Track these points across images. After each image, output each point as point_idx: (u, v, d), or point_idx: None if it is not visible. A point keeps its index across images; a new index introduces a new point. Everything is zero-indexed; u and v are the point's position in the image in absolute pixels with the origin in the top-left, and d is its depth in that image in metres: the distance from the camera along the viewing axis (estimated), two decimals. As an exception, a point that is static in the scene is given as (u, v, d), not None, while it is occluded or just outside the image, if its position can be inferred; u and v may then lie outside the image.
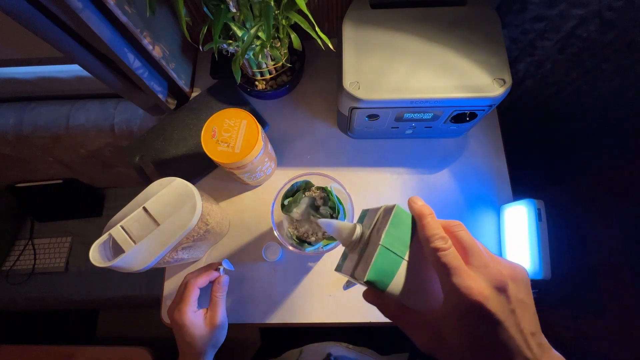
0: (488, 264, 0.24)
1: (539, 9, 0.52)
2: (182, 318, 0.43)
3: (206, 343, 0.44)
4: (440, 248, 0.24)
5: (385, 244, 0.26)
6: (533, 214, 0.50)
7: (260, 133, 0.48)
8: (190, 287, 0.45)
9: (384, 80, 0.48)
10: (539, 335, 0.23)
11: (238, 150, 0.47)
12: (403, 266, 0.26)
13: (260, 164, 0.53)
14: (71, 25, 0.44)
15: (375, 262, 0.25)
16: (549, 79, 0.64)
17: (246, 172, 0.52)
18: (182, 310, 0.44)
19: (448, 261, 0.23)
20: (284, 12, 0.47)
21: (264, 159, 0.53)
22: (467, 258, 0.24)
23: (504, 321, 0.22)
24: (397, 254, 0.26)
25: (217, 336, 0.46)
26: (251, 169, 0.52)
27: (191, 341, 0.43)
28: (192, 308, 0.44)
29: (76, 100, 0.82)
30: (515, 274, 0.24)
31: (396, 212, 0.27)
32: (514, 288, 0.23)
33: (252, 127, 0.48)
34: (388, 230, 0.26)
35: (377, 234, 0.27)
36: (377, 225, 0.28)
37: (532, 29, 0.55)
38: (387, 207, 0.29)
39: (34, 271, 1.15)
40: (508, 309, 0.22)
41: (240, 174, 0.53)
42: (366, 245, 0.28)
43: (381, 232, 0.26)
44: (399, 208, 0.27)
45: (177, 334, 0.45)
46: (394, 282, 0.25)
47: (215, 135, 0.48)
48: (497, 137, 0.62)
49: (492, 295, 0.22)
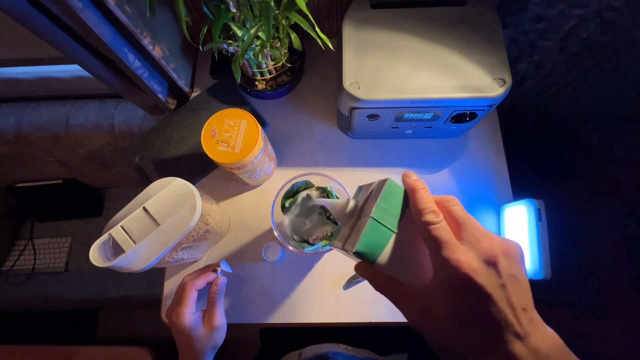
0: (479, 239, 0.23)
1: (539, 9, 0.52)
2: (181, 320, 0.43)
3: (205, 345, 0.44)
4: (431, 222, 0.24)
5: (375, 216, 0.26)
6: (533, 214, 0.50)
7: (260, 133, 0.48)
8: (188, 289, 0.45)
9: (384, 80, 0.48)
10: (531, 311, 0.23)
11: (238, 150, 0.47)
12: (393, 239, 0.26)
13: (260, 164, 0.53)
14: (71, 25, 0.44)
15: (364, 234, 0.25)
16: (549, 79, 0.64)
17: (246, 172, 0.52)
18: (180, 313, 0.43)
19: (439, 234, 0.23)
20: (284, 12, 0.47)
21: (264, 159, 0.53)
22: (459, 233, 0.24)
23: (493, 294, 0.21)
24: (387, 227, 0.26)
25: (216, 337, 0.45)
26: (251, 169, 0.52)
27: (190, 343, 0.43)
28: (191, 310, 0.44)
29: (76, 100, 0.82)
30: (508, 249, 0.24)
31: (388, 185, 0.27)
32: (506, 263, 0.23)
33: (252, 127, 0.48)
34: (379, 204, 0.26)
35: (368, 207, 0.27)
36: (369, 199, 0.28)
37: (532, 29, 0.55)
38: (380, 181, 0.29)
39: (34, 271, 1.15)
40: (498, 283, 0.22)
41: (240, 174, 0.53)
42: (358, 219, 0.28)
43: (372, 205, 0.27)
44: (391, 181, 0.27)
45: (176, 336, 0.44)
46: (383, 255, 0.26)
47: (215, 135, 0.48)
48: (497, 137, 0.62)
49: (481, 268, 0.22)
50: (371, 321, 0.54)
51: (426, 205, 0.25)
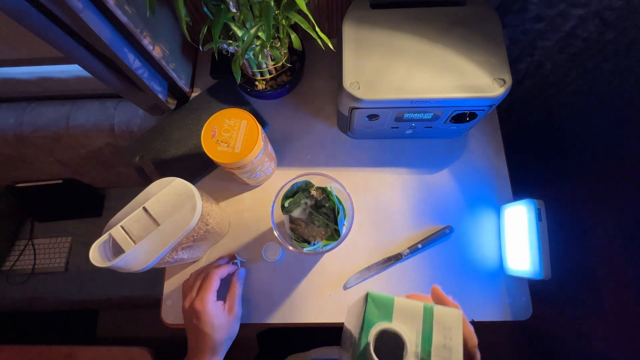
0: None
1: (539, 9, 0.52)
2: (205, 306, 0.44)
3: (225, 332, 0.45)
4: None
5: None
6: (533, 214, 0.50)
7: (260, 133, 0.48)
8: (213, 277, 0.46)
9: (384, 80, 0.48)
10: None
11: (238, 150, 0.47)
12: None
13: (260, 164, 0.53)
14: (71, 26, 0.44)
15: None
16: (549, 79, 0.64)
17: (246, 172, 0.52)
18: (204, 299, 0.44)
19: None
20: (284, 12, 0.47)
21: (264, 159, 0.53)
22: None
23: None
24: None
25: (235, 327, 0.47)
26: (251, 169, 0.52)
27: (210, 332, 0.44)
28: (214, 297, 0.46)
29: (76, 100, 0.82)
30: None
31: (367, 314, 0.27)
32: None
33: (252, 127, 0.48)
34: (362, 339, 0.26)
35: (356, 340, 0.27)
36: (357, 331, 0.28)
37: (532, 29, 0.55)
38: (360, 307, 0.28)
39: (34, 271, 1.15)
40: None
41: (240, 174, 0.53)
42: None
43: (358, 339, 0.26)
44: (369, 309, 0.27)
45: (194, 325, 0.44)
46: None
47: (215, 135, 0.48)
48: (497, 137, 0.62)
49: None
50: (371, 321, 0.54)
51: (476, 341, 0.28)
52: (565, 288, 0.71)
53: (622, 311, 0.59)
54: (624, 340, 0.58)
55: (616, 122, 0.58)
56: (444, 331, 0.26)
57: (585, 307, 0.69)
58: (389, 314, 0.27)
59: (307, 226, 0.50)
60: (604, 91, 0.57)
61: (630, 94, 0.54)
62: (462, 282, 0.55)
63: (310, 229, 0.50)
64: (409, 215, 0.58)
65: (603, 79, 0.56)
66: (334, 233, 0.49)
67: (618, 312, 0.60)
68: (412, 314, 0.27)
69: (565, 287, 0.71)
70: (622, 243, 0.58)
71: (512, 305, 0.53)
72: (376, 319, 0.26)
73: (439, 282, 0.55)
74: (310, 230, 0.50)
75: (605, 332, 0.63)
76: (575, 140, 0.69)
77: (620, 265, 0.58)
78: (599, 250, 0.64)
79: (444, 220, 0.58)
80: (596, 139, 0.64)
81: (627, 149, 0.58)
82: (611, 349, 0.62)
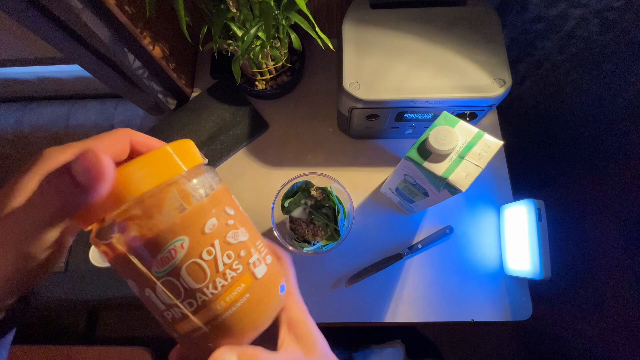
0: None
1: (539, 9, 0.52)
2: None
3: None
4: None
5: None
6: (533, 214, 0.50)
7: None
8: None
9: (384, 80, 0.48)
10: None
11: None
12: None
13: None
14: (71, 25, 0.44)
15: None
16: (549, 79, 0.64)
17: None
18: None
19: None
20: (284, 12, 0.47)
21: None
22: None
23: None
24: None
25: None
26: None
27: None
28: None
29: (76, 100, 0.82)
30: None
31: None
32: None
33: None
34: None
35: None
36: None
37: (532, 29, 0.56)
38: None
39: (34, 271, 1.15)
40: None
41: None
42: None
43: None
44: None
45: None
46: None
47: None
48: (497, 137, 0.62)
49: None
50: (371, 321, 0.54)
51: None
52: (565, 288, 0.71)
53: (622, 311, 0.59)
54: (624, 340, 0.58)
55: (616, 122, 0.59)
56: (482, 149, 0.37)
57: (585, 307, 0.69)
58: (453, 124, 0.38)
59: (307, 226, 0.50)
60: (604, 91, 0.57)
61: (630, 94, 0.54)
62: (462, 282, 0.55)
63: (310, 229, 0.50)
64: (409, 215, 0.58)
65: (603, 79, 0.56)
66: (334, 233, 0.49)
67: (618, 312, 0.60)
68: (468, 131, 0.38)
69: (565, 287, 0.71)
70: (622, 243, 0.58)
71: (512, 305, 0.53)
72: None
73: (439, 282, 0.55)
74: (310, 230, 0.50)
75: (605, 332, 0.63)
76: (575, 140, 0.69)
77: (620, 265, 0.58)
78: (599, 250, 0.64)
79: (444, 220, 0.58)
80: (596, 139, 0.64)
81: (627, 149, 0.58)
82: (611, 349, 0.62)
